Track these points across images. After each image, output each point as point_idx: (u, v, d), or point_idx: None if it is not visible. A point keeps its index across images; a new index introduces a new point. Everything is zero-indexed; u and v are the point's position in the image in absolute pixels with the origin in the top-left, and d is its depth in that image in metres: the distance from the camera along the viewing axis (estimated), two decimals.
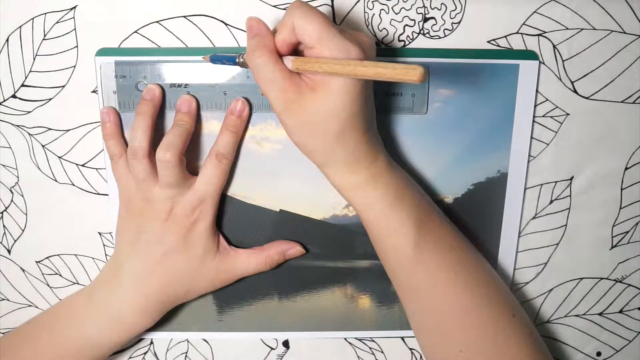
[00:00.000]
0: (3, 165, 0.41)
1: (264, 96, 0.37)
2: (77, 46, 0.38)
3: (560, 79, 0.39)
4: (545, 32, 0.38)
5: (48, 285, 0.44)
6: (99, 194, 0.41)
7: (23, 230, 0.42)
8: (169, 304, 0.40)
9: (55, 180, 0.41)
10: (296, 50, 0.33)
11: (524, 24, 0.38)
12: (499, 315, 0.36)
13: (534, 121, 0.40)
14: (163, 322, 0.41)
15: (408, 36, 0.38)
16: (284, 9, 0.37)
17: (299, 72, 0.32)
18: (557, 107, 0.40)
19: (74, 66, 0.38)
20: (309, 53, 0.32)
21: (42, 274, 0.44)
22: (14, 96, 0.39)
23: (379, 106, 0.36)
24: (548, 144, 0.41)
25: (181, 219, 0.38)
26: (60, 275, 0.44)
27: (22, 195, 0.42)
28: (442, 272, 0.36)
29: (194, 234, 0.38)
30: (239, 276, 0.41)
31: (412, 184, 0.37)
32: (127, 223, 0.39)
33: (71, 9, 0.37)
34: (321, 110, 0.31)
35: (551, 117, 0.40)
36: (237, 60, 0.35)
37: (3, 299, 0.44)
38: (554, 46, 0.39)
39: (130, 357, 0.45)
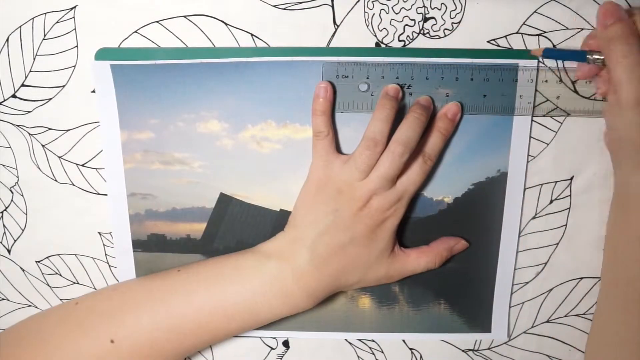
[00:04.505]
0: (3, 165, 0.41)
1: (604, 94, 0.37)
2: (77, 46, 0.38)
3: (560, 79, 0.39)
4: (545, 32, 0.38)
5: (48, 285, 0.44)
6: (98, 194, 0.41)
7: (23, 230, 0.42)
8: (335, 290, 0.39)
9: (55, 180, 0.41)
10: None
11: (524, 23, 0.38)
12: None
13: (533, 121, 0.40)
14: None
15: (408, 36, 0.38)
16: (284, 8, 0.37)
17: None
18: (557, 107, 0.40)
19: (74, 66, 0.38)
20: None
21: (42, 274, 0.44)
22: (14, 96, 0.39)
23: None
24: (548, 144, 0.41)
25: (376, 212, 0.37)
26: (60, 275, 0.44)
27: (22, 195, 0.42)
28: None
29: (382, 230, 0.38)
30: (406, 275, 0.41)
31: None
32: (317, 202, 0.38)
33: (71, 8, 0.37)
34: None
35: (551, 117, 0.40)
36: (587, 57, 0.35)
37: (3, 299, 0.44)
38: (554, 46, 0.39)
39: None
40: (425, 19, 0.38)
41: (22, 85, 0.39)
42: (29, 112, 0.40)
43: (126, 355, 0.37)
